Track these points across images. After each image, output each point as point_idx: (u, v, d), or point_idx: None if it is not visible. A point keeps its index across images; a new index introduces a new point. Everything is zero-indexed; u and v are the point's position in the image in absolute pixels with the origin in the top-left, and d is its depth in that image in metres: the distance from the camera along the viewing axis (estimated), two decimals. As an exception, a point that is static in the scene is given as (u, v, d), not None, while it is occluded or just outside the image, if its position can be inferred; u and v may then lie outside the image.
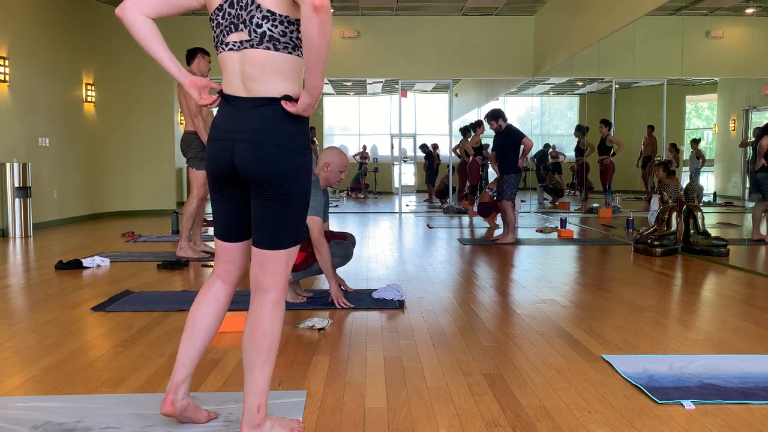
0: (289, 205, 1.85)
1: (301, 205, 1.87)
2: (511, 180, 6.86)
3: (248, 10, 1.74)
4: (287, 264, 1.89)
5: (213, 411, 2.18)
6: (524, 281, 4.75)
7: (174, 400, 1.98)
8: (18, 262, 5.83)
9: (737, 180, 9.42)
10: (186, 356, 2.00)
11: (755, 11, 8.25)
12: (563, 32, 9.93)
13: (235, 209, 1.95)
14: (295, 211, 1.87)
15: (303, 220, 1.91)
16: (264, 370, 1.86)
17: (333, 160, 3.87)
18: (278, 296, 1.89)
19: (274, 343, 1.87)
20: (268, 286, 1.87)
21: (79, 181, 9.85)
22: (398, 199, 12.54)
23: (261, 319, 1.86)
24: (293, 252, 1.90)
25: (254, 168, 1.80)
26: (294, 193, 1.84)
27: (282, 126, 1.81)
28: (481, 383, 2.51)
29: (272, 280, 1.87)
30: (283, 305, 1.91)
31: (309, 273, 3.96)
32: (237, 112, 1.83)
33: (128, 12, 1.81)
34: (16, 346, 3.02)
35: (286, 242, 1.87)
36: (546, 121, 15.21)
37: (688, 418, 2.15)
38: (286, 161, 1.81)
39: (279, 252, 1.86)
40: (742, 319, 3.57)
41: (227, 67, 1.82)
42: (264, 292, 1.88)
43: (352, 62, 11.52)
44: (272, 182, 1.81)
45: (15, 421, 2.11)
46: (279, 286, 1.88)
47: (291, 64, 1.79)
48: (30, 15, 8.50)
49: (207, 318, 2.01)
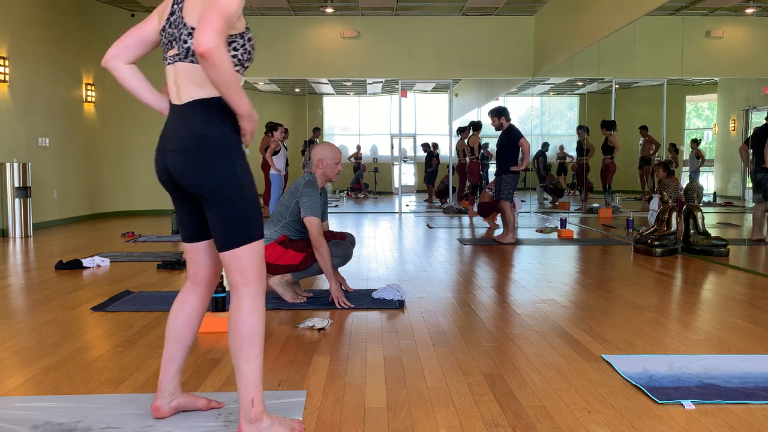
0: (229, 207, 1.89)
1: (240, 205, 1.89)
2: (509, 179, 6.86)
3: (179, 29, 1.91)
4: (251, 259, 1.91)
5: (215, 400, 2.21)
6: (524, 281, 4.75)
7: (160, 406, 2.11)
8: (18, 262, 5.83)
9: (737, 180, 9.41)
10: (168, 359, 2.10)
11: (755, 11, 8.24)
12: (563, 32, 9.93)
13: (186, 211, 2.04)
14: (237, 211, 1.89)
15: (252, 215, 1.92)
16: (249, 362, 1.90)
17: (325, 155, 3.87)
18: (250, 290, 1.92)
19: (254, 336, 1.90)
20: (238, 283, 1.92)
21: (79, 181, 9.85)
22: (398, 199, 12.54)
23: (236, 313, 1.91)
24: (254, 247, 1.92)
25: (183, 177, 1.91)
26: (228, 197, 1.88)
27: (204, 131, 1.88)
28: (481, 383, 2.51)
29: (240, 277, 1.91)
30: (258, 298, 1.92)
31: (309, 273, 3.96)
32: (172, 120, 1.97)
33: (110, 63, 2.05)
34: (16, 346, 3.02)
35: (240, 241, 1.90)
36: (546, 121, 15.19)
37: (688, 418, 2.15)
38: (210, 168, 1.87)
39: (236, 251, 1.90)
40: (742, 319, 3.57)
41: (167, 79, 1.99)
42: (236, 289, 1.93)
43: (352, 62, 11.52)
44: (203, 189, 1.89)
45: (15, 421, 2.11)
46: (249, 281, 1.91)
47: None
48: (30, 15, 8.50)
49: (179, 320, 2.10)
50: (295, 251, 3.87)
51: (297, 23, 11.34)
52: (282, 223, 3.90)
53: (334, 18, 11.39)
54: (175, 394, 2.13)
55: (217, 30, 1.69)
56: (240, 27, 1.88)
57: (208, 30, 1.67)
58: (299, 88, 14.85)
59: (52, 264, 5.47)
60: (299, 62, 11.41)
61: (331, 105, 18.18)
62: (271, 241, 3.89)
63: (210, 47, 1.66)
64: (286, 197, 3.92)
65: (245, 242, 1.90)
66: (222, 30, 1.71)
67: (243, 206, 1.90)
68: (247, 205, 1.91)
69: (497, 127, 6.96)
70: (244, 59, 1.92)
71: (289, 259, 3.87)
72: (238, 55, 1.89)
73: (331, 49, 11.46)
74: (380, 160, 17.36)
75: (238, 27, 1.87)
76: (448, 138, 12.28)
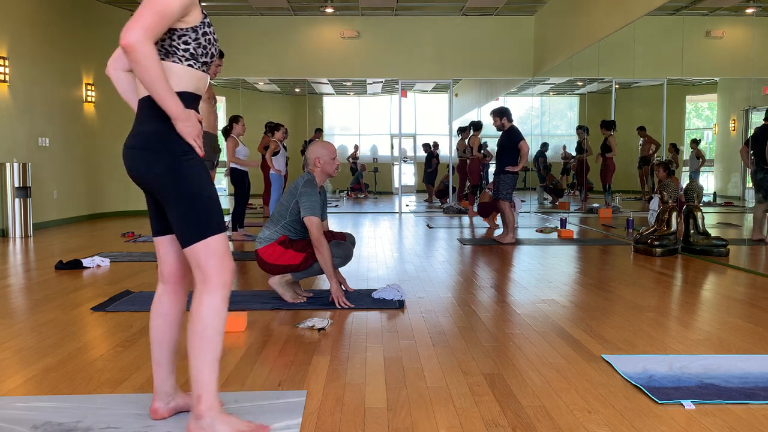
0: (178, 204, 1.89)
1: (189, 201, 1.89)
2: (507, 179, 6.87)
3: None
4: (206, 256, 1.91)
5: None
6: (524, 281, 4.75)
7: (158, 408, 2.13)
8: (18, 262, 5.83)
9: (737, 180, 9.41)
10: (156, 362, 2.11)
11: (755, 11, 8.24)
12: (563, 32, 9.93)
13: (151, 206, 2.07)
14: (187, 208, 1.89)
15: (203, 212, 1.90)
16: (197, 358, 1.90)
17: (321, 153, 3.88)
18: (206, 287, 1.91)
19: (205, 333, 1.89)
20: (197, 279, 1.93)
21: (79, 181, 9.85)
22: (398, 199, 12.54)
23: (193, 308, 1.93)
24: (209, 243, 1.90)
25: (130, 173, 1.95)
26: (174, 193, 1.89)
27: (149, 127, 1.89)
28: (481, 383, 2.51)
29: (198, 274, 1.92)
30: (213, 295, 1.91)
31: (309, 273, 3.96)
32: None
33: (110, 70, 2.08)
34: (16, 346, 3.02)
35: (193, 237, 1.90)
36: (546, 121, 15.19)
37: (688, 418, 2.15)
38: (152, 164, 1.88)
39: (192, 248, 1.90)
40: (742, 319, 3.57)
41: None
42: (196, 286, 1.95)
43: (352, 62, 11.52)
44: (150, 184, 1.92)
45: (15, 421, 2.11)
46: (206, 278, 1.91)
47: (165, 70, 1.86)
48: (30, 15, 8.50)
49: (157, 322, 2.11)
50: (295, 251, 3.87)
51: (297, 23, 11.34)
52: (282, 223, 3.90)
53: (334, 18, 11.39)
54: (172, 395, 2.13)
55: (144, 26, 1.70)
56: (192, 21, 1.86)
57: (132, 25, 1.69)
58: (299, 88, 14.85)
59: (52, 264, 5.47)
60: (299, 62, 11.41)
61: (331, 105, 18.17)
62: (271, 241, 3.89)
63: (130, 42, 1.68)
64: (286, 197, 3.92)
65: (198, 239, 1.90)
66: (151, 27, 1.71)
67: (192, 203, 1.89)
68: (198, 202, 1.89)
69: (499, 127, 6.97)
70: (198, 54, 1.90)
71: (289, 259, 3.87)
72: (190, 49, 1.88)
73: (331, 49, 11.46)
74: (380, 160, 17.36)
75: (189, 21, 1.86)
76: (448, 138, 12.27)
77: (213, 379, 1.91)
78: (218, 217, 1.95)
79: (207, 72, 1.99)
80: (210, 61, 1.96)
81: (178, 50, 1.88)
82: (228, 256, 1.95)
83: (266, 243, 3.90)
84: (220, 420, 1.91)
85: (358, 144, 17.08)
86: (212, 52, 1.95)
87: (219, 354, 1.93)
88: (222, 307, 1.93)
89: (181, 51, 1.88)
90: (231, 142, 7.50)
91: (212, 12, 11.04)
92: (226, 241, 1.96)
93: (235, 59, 10.69)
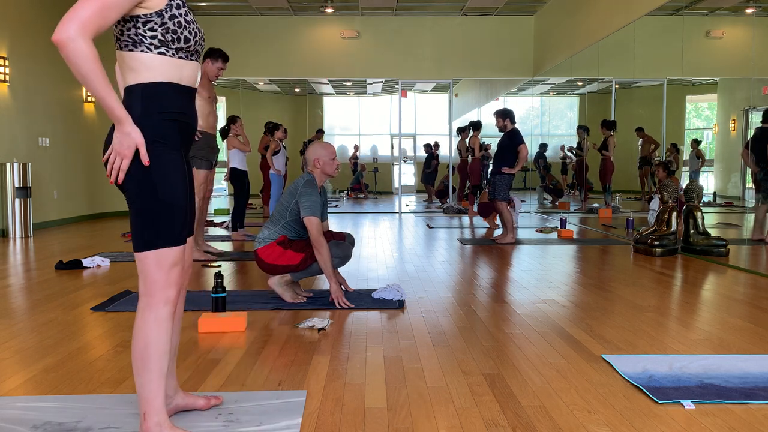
0: (133, 204, 1.77)
1: (142, 205, 1.76)
2: (503, 180, 6.89)
3: None
4: (144, 269, 1.78)
5: (215, 396, 2.20)
6: (524, 281, 4.75)
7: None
8: (18, 262, 5.83)
9: (737, 180, 9.41)
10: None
11: (755, 11, 8.24)
12: (563, 32, 9.93)
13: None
14: (138, 211, 1.77)
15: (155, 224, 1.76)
16: (141, 376, 1.81)
17: (320, 153, 3.88)
18: (143, 301, 1.81)
19: (149, 349, 1.79)
20: (140, 290, 1.82)
21: (79, 181, 9.85)
22: (398, 199, 12.54)
23: (135, 324, 1.83)
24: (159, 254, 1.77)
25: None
26: (130, 193, 1.76)
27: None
28: (481, 383, 2.51)
29: (141, 285, 1.81)
30: (157, 312, 1.80)
31: (308, 273, 3.96)
32: None
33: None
34: (16, 346, 3.02)
35: (136, 245, 1.78)
36: (546, 121, 15.19)
37: (688, 418, 2.15)
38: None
39: (137, 255, 1.79)
40: (742, 319, 3.57)
41: None
42: (139, 297, 1.83)
43: (352, 62, 11.52)
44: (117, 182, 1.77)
45: (15, 421, 2.11)
46: (149, 291, 1.79)
47: (133, 61, 1.76)
48: (30, 15, 8.50)
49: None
50: (295, 251, 3.87)
51: (297, 23, 11.34)
52: (281, 223, 3.90)
53: (334, 18, 11.39)
54: (172, 396, 2.11)
55: (80, 20, 1.57)
56: (155, 5, 1.72)
57: (66, 19, 1.57)
58: (299, 88, 14.85)
59: (52, 264, 5.47)
60: (299, 62, 11.41)
61: (331, 105, 18.17)
62: (270, 242, 3.89)
63: (60, 38, 1.56)
64: (285, 197, 3.92)
65: (145, 247, 1.77)
66: (89, 20, 1.57)
67: (149, 207, 1.76)
68: (154, 207, 1.75)
69: (501, 128, 6.97)
70: (168, 40, 1.75)
71: (289, 259, 3.87)
72: (158, 35, 1.74)
73: (331, 49, 11.46)
74: (380, 160, 17.36)
75: (151, 5, 1.72)
76: (448, 138, 12.27)
77: (158, 395, 1.82)
78: (181, 228, 1.81)
79: (191, 59, 1.83)
80: (187, 46, 1.79)
81: (145, 38, 1.73)
82: (176, 270, 1.80)
83: (265, 243, 3.90)
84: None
85: (358, 144, 17.08)
86: (185, 36, 1.78)
87: (164, 369, 1.84)
88: (165, 325, 1.81)
89: (149, 39, 1.73)
90: (232, 141, 7.57)
91: (212, 12, 11.04)
92: (180, 254, 1.81)
93: (235, 59, 10.66)
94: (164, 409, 1.86)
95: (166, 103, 1.78)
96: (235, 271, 5.20)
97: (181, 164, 1.81)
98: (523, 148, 6.79)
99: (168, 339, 1.83)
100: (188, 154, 1.92)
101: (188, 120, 1.86)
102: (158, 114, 1.77)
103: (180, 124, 1.82)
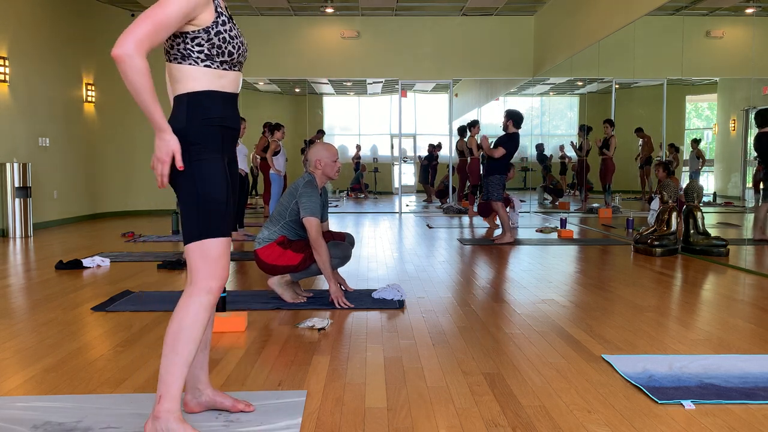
0: (184, 202, 1.93)
1: (194, 200, 1.91)
2: (496, 180, 6.91)
3: None
4: (194, 258, 1.92)
5: (246, 403, 2.19)
6: (524, 281, 4.75)
7: (188, 402, 2.15)
8: (18, 262, 5.83)
9: (737, 180, 9.41)
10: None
11: (755, 11, 8.24)
12: (563, 32, 9.93)
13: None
14: (190, 207, 1.92)
15: (206, 213, 1.92)
16: (166, 357, 1.90)
17: (322, 154, 3.88)
18: (190, 288, 1.93)
19: (178, 334, 1.89)
20: (188, 279, 1.96)
21: (79, 181, 9.85)
22: (398, 199, 12.54)
23: (176, 306, 1.94)
24: (205, 245, 1.92)
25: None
26: (182, 192, 1.92)
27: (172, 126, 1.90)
28: (481, 383, 2.51)
29: (189, 274, 1.95)
30: (193, 298, 1.92)
31: (308, 274, 3.96)
32: None
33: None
34: (16, 346, 3.02)
35: (187, 237, 1.94)
36: (546, 121, 15.19)
37: (688, 418, 2.15)
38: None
39: (188, 247, 1.94)
40: (742, 319, 3.57)
41: None
42: (186, 285, 1.97)
43: (352, 62, 11.52)
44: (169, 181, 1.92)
45: (15, 421, 2.11)
46: (191, 279, 1.93)
47: (180, 73, 1.92)
48: (30, 15, 8.50)
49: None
50: (294, 252, 3.87)
51: (297, 23, 11.34)
52: (281, 223, 3.90)
53: (334, 18, 11.39)
54: (202, 390, 2.15)
55: (137, 38, 1.71)
56: (203, 22, 1.86)
57: (125, 36, 1.71)
58: (299, 88, 14.85)
59: (52, 264, 5.47)
60: (299, 62, 11.41)
61: (331, 105, 18.17)
62: (270, 242, 3.89)
63: (119, 54, 1.70)
64: (286, 197, 3.92)
65: (190, 240, 1.92)
66: (146, 38, 1.72)
67: (196, 203, 1.91)
68: (201, 203, 1.91)
69: (504, 127, 6.98)
70: (214, 54, 1.90)
71: (288, 259, 3.87)
72: (204, 50, 1.89)
73: (331, 49, 11.46)
74: (380, 160, 17.36)
75: (200, 23, 1.86)
76: (448, 138, 12.27)
77: (178, 383, 1.88)
78: (221, 222, 1.94)
79: (234, 69, 1.97)
80: (231, 59, 1.94)
81: (192, 52, 1.89)
82: (221, 263, 1.94)
83: (265, 243, 3.90)
84: (175, 426, 1.88)
85: (360, 144, 17.08)
86: (229, 50, 1.92)
87: (190, 359, 1.90)
88: (202, 314, 1.91)
89: (196, 53, 1.89)
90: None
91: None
92: (224, 246, 1.95)
93: (235, 59, 10.69)
94: (179, 398, 1.91)
95: (209, 110, 1.93)
96: (235, 271, 5.20)
97: (221, 165, 1.96)
98: (500, 150, 6.79)
99: (202, 328, 1.92)
100: (230, 156, 2.06)
101: (230, 124, 1.99)
102: (201, 120, 1.91)
103: (222, 129, 1.96)
